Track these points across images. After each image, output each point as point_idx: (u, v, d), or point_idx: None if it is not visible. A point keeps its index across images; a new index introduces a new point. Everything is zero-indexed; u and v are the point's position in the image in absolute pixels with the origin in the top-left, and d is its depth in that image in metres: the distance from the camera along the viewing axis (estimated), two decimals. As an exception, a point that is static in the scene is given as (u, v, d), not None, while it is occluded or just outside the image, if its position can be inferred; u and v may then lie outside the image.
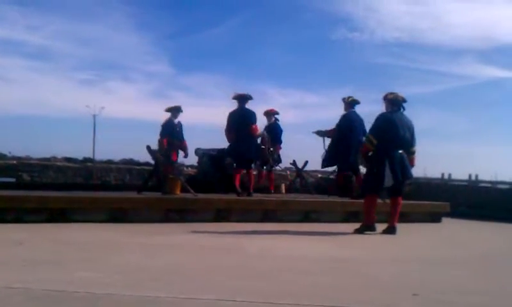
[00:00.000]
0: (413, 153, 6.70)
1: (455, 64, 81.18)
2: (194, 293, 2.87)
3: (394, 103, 6.62)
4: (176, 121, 8.81)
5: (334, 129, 8.67)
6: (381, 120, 6.61)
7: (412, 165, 6.70)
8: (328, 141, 8.83)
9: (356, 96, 8.69)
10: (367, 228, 6.62)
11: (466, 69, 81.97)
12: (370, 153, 6.66)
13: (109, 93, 74.77)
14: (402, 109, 6.66)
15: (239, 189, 8.17)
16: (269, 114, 9.75)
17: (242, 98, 8.40)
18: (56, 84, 75.88)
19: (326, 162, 8.82)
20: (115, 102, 78.92)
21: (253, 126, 8.35)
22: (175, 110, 8.82)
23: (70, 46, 79.56)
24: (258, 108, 9.37)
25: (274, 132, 9.56)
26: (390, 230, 6.59)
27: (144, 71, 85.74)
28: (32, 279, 3.11)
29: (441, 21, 69.64)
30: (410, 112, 6.75)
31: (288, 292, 3.02)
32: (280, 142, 9.72)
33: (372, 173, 6.65)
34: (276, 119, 9.83)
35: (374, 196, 6.66)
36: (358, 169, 8.37)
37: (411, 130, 6.61)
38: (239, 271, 3.75)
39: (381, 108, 6.78)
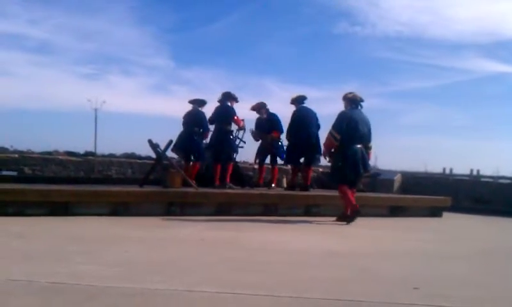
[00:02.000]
0: (370, 148, 7.19)
1: (457, 58, 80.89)
2: (194, 286, 2.88)
3: (353, 101, 7.12)
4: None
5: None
6: (342, 117, 7.09)
7: (369, 158, 7.24)
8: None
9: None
10: (345, 217, 6.94)
11: (468, 63, 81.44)
12: (333, 149, 7.12)
13: (111, 86, 74.75)
14: (360, 107, 7.16)
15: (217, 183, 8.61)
16: (257, 108, 9.61)
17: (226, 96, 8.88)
18: (58, 78, 75.69)
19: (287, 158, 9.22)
20: (116, 96, 78.85)
21: (235, 118, 8.83)
22: (201, 102, 9.10)
23: (71, 40, 79.15)
24: (257, 101, 9.48)
25: (273, 122, 9.46)
26: (344, 217, 6.93)
27: (145, 65, 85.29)
28: (34, 271, 3.13)
29: (443, 15, 69.19)
30: (411, 107, 6.95)
31: (288, 285, 3.03)
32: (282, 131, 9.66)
33: (336, 167, 7.10)
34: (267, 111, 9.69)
35: (346, 186, 6.96)
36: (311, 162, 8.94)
37: (368, 126, 7.10)
38: (239, 264, 3.76)
39: (381, 102, 6.93)
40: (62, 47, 76.36)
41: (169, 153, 8.59)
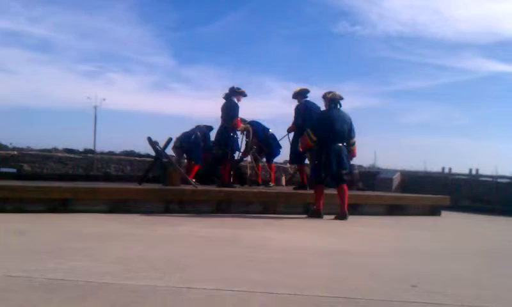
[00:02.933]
0: (352, 144, 7.39)
1: (457, 58, 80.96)
2: (193, 283, 2.88)
3: (332, 101, 7.34)
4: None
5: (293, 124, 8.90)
6: (319, 117, 7.44)
7: (353, 155, 7.52)
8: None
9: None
10: (315, 214, 7.22)
11: (468, 63, 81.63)
12: (311, 148, 7.48)
13: (111, 84, 74.81)
14: (339, 106, 7.36)
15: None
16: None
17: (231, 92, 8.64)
18: (58, 76, 75.87)
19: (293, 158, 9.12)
20: (116, 94, 78.83)
21: (234, 121, 8.57)
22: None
23: (72, 38, 79.26)
24: (258, 100, 9.50)
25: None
26: (341, 216, 7.09)
27: (146, 63, 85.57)
28: (33, 268, 3.13)
29: (443, 15, 69.34)
30: (411, 106, 7.05)
31: (287, 283, 3.04)
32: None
33: (314, 165, 7.43)
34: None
35: (320, 186, 7.27)
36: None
37: (348, 124, 7.28)
38: (238, 262, 3.77)
39: (381, 101, 7.00)
40: (62, 45, 76.43)
41: (169, 151, 8.61)
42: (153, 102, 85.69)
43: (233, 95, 8.63)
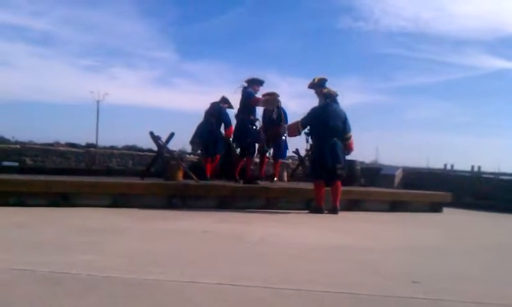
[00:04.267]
0: (348, 138, 7.46)
1: (460, 54, 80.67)
2: (195, 277, 2.89)
3: (327, 96, 7.40)
4: None
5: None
6: (311, 112, 7.48)
7: (350, 149, 7.61)
8: None
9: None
10: (316, 209, 7.24)
11: (471, 60, 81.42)
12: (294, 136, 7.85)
13: (113, 79, 74.81)
14: (334, 101, 7.44)
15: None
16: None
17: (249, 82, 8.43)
18: (60, 70, 75.77)
19: None
20: (119, 89, 78.81)
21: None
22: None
23: (74, 32, 79.36)
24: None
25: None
26: (333, 210, 7.16)
27: (149, 57, 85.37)
28: (35, 261, 3.14)
29: (446, 11, 69.15)
30: (413, 102, 7.07)
31: (289, 278, 3.04)
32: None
33: (311, 160, 7.68)
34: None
35: (319, 181, 7.30)
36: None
37: (342, 119, 7.34)
38: (240, 256, 3.78)
39: (384, 97, 7.05)
40: (65, 39, 76.52)
41: (171, 146, 8.60)
42: (156, 97, 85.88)
43: (250, 85, 8.44)
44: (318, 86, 7.71)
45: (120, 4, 78.33)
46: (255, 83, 8.45)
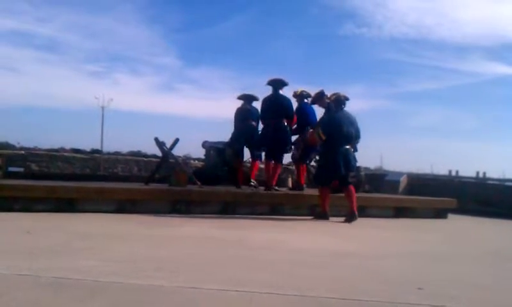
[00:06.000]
0: (358, 142, 7.33)
1: (463, 60, 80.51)
2: (198, 283, 2.89)
3: (338, 102, 7.23)
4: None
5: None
6: (327, 119, 7.29)
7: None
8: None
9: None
10: (321, 215, 7.18)
11: (474, 66, 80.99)
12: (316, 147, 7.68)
13: (118, 85, 75.04)
14: (343, 106, 7.25)
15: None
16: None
17: (275, 83, 8.16)
18: (65, 76, 76.16)
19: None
20: (124, 94, 79.16)
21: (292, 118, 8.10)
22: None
23: (79, 38, 79.61)
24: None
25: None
26: (350, 217, 7.01)
27: (153, 64, 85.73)
28: (40, 266, 3.15)
29: (449, 17, 69.05)
30: (417, 109, 7.03)
31: (293, 283, 3.03)
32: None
33: (320, 166, 7.50)
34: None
35: (325, 188, 7.20)
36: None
37: (355, 125, 7.22)
38: (243, 263, 3.77)
39: (388, 103, 6.99)
40: (70, 45, 76.83)
41: (176, 151, 8.59)
42: (160, 103, 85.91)
43: (280, 88, 8.16)
44: (318, 99, 7.77)
45: (125, 11, 78.83)
46: (285, 85, 8.22)
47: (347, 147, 7.09)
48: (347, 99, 7.32)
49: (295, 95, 8.53)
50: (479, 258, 4.80)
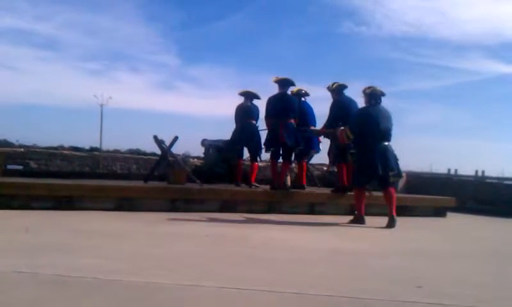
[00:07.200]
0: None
1: (462, 59, 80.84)
2: (197, 281, 2.90)
3: (372, 96, 6.74)
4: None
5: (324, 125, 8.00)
6: (359, 114, 6.88)
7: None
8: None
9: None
10: (357, 219, 6.81)
11: (473, 64, 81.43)
12: (347, 145, 7.14)
13: (117, 83, 75.12)
14: (379, 101, 6.76)
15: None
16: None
17: (283, 83, 7.99)
18: (64, 74, 76.28)
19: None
20: (123, 92, 79.22)
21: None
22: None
23: (78, 36, 79.77)
24: (263, 100, 8.77)
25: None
26: (390, 222, 6.60)
27: (152, 61, 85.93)
28: (40, 264, 3.15)
29: (448, 16, 69.18)
30: (416, 107, 6.91)
31: (291, 282, 3.04)
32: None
33: (356, 166, 6.97)
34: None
35: (360, 189, 6.88)
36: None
37: (390, 120, 6.72)
38: (242, 260, 3.78)
39: (387, 102, 6.84)
40: (69, 43, 76.94)
41: (175, 149, 8.57)
42: (159, 101, 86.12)
43: (287, 87, 8.01)
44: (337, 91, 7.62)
45: (124, 9, 78.96)
46: (292, 85, 8.11)
47: (386, 144, 6.59)
48: (383, 94, 6.81)
49: (292, 94, 8.48)
50: (477, 256, 4.81)
